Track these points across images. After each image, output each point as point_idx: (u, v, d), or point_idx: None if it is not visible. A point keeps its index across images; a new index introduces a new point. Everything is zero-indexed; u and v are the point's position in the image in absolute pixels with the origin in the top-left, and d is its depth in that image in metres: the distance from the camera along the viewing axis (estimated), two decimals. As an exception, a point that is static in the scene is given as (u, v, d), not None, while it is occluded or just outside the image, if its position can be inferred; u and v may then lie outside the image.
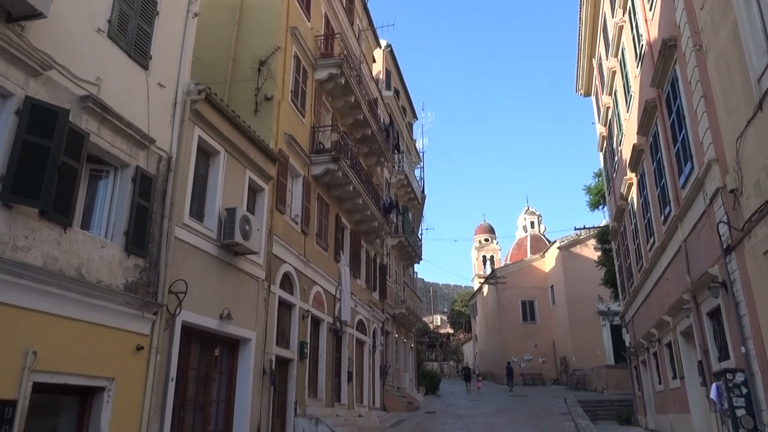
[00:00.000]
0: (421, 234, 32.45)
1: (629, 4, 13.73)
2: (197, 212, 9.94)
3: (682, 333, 12.31)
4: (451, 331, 62.74)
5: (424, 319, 46.45)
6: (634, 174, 14.99)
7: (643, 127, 12.73)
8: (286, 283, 13.15)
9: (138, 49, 8.49)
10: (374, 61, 26.41)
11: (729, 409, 8.08)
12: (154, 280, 8.38)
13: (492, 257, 58.93)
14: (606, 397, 26.50)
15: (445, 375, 49.06)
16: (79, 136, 7.06)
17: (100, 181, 8.00)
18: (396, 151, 26.54)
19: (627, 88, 15.06)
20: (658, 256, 13.18)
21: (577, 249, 37.65)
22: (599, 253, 27.91)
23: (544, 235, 52.29)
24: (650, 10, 11.88)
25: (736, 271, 8.12)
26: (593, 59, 21.17)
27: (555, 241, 41.14)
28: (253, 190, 11.93)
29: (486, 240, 60.80)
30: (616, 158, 18.15)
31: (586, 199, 26.68)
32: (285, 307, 13.04)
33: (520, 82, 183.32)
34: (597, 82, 21.15)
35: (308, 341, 13.99)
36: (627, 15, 14.17)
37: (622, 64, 15.38)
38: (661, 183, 12.10)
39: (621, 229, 18.95)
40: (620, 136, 16.95)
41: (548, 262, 41.93)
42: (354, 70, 17.99)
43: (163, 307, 8.46)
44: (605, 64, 17.96)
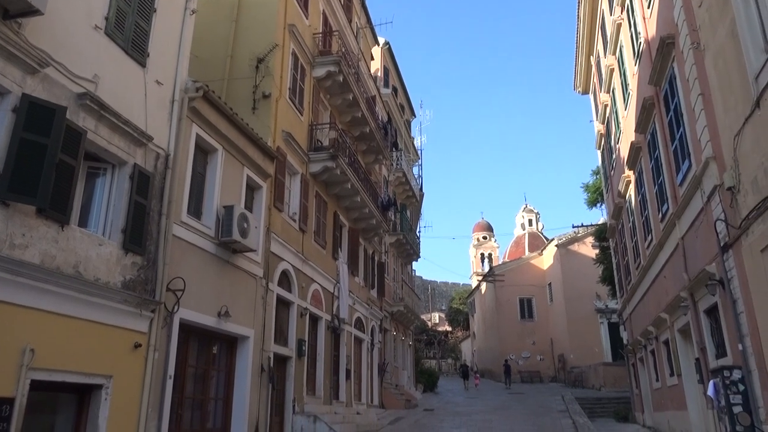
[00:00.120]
0: (419, 232, 32.50)
1: (627, 1, 13.72)
2: (195, 210, 9.93)
3: (679, 330, 12.34)
4: (449, 329, 62.83)
5: (423, 317, 46.47)
6: (632, 172, 15.01)
7: (641, 125, 12.74)
8: (284, 280, 13.15)
9: (135, 47, 8.47)
10: (372, 59, 26.38)
11: (726, 406, 8.10)
12: (151, 278, 8.37)
13: (490, 255, 59.03)
14: (604, 394, 26.57)
15: (443, 372, 49.13)
16: (76, 134, 7.05)
17: (98, 178, 7.98)
18: (394, 149, 26.53)
19: (625, 86, 15.06)
20: (655, 253, 13.20)
21: (575, 247, 37.69)
22: (597, 251, 27.98)
23: (542, 233, 52.37)
24: (648, 7, 11.87)
25: (733, 268, 8.13)
26: (591, 57, 21.17)
27: (553, 239, 41.19)
28: (251, 188, 11.92)
29: (484, 238, 60.89)
30: (614, 156, 18.17)
31: (584, 197, 26.76)
32: (283, 304, 13.04)
33: (519, 80, 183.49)
34: (595, 80, 21.15)
35: (306, 339, 13.99)
36: (625, 12, 14.16)
37: (620, 62, 15.38)
38: (659, 181, 12.11)
39: (619, 227, 18.97)
40: (618, 134, 16.96)
41: (546, 259, 41.97)
42: (352, 67, 17.97)
43: (161, 304, 8.46)
44: (603, 62, 17.96)
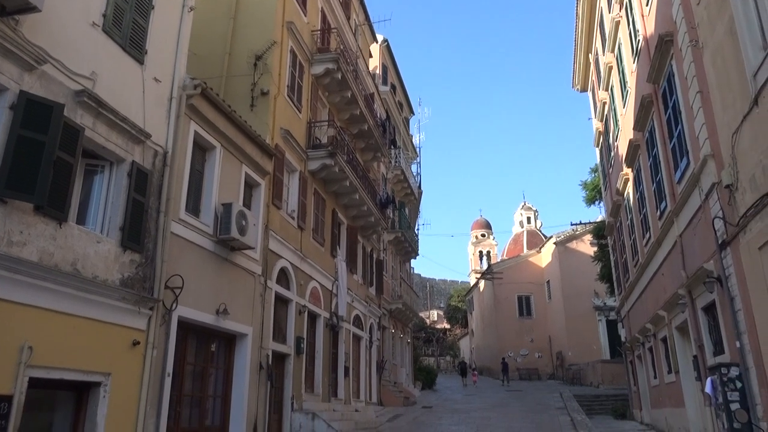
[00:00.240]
0: (418, 229, 32.54)
1: (626, -1, 13.72)
2: (193, 207, 9.92)
3: (677, 328, 12.36)
4: (447, 327, 62.90)
5: (421, 315, 46.59)
6: (630, 169, 15.02)
7: (640, 123, 12.74)
8: (283, 278, 13.15)
9: (133, 44, 8.44)
10: (371, 56, 26.35)
11: (723, 403, 8.12)
12: (150, 276, 8.36)
13: (488, 253, 59.08)
14: (601, 391, 26.62)
15: (442, 370, 49.22)
16: (74, 131, 7.03)
17: (96, 176, 7.96)
18: (392, 147, 26.52)
19: (623, 84, 15.06)
20: (653, 251, 13.22)
21: (573, 244, 37.75)
22: (595, 249, 28.05)
23: (541, 231, 52.42)
24: (647, 5, 11.87)
25: (731, 266, 8.14)
26: (590, 54, 21.16)
27: (551, 237, 41.24)
28: (250, 186, 11.91)
29: (482, 235, 60.92)
30: (613, 154, 18.18)
31: (582, 195, 26.82)
32: (281, 302, 13.04)
33: (517, 77, 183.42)
34: (594, 78, 21.15)
35: (305, 336, 14.00)
36: (623, 10, 14.15)
37: (619, 60, 15.38)
38: (657, 178, 12.12)
39: (617, 225, 18.99)
40: (616, 132, 16.97)
41: (544, 257, 42.03)
42: (350, 65, 17.95)
43: (160, 302, 8.45)
44: (602, 60, 17.96)
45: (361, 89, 19.00)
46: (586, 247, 34.48)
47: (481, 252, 59.78)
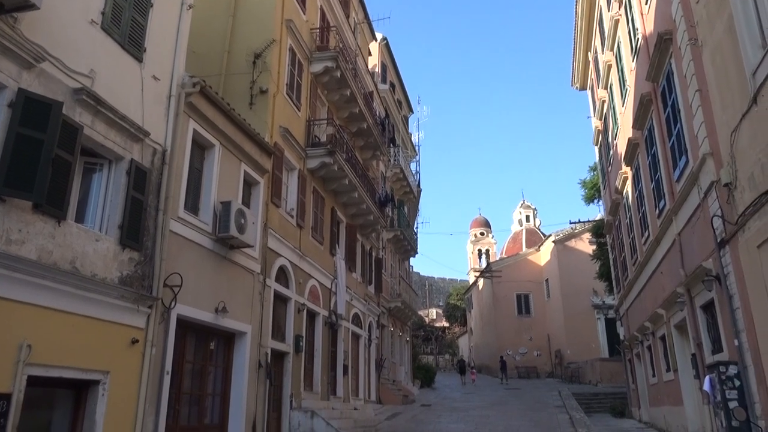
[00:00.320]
0: (417, 228, 32.53)
1: (625, -3, 13.71)
2: (192, 206, 9.91)
3: (675, 326, 12.38)
4: (446, 325, 62.93)
5: (420, 313, 46.58)
6: (629, 168, 15.03)
7: (639, 121, 12.75)
8: (282, 276, 13.15)
9: (132, 42, 8.43)
10: (370, 55, 26.33)
11: (722, 402, 8.14)
12: (149, 274, 8.36)
13: (487, 251, 59.13)
14: (600, 389, 26.66)
15: (441, 368, 49.23)
16: (72, 129, 7.02)
17: (95, 174, 7.96)
18: (392, 145, 26.51)
19: (622, 82, 15.07)
20: (652, 249, 13.23)
21: (572, 243, 37.78)
22: (594, 247, 28.06)
23: (540, 229, 52.46)
24: (646, 3, 11.87)
25: (729, 264, 8.15)
26: (589, 53, 21.16)
27: (550, 235, 41.28)
28: (249, 184, 11.91)
29: (481, 234, 60.96)
30: (612, 152, 18.19)
31: (581, 193, 26.88)
32: (280, 300, 13.05)
33: (516, 76, 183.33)
34: (593, 76, 21.15)
35: (304, 335, 14.00)
36: (623, 8, 14.15)
37: (618, 58, 15.39)
38: (656, 177, 12.13)
39: (616, 223, 19.01)
40: (615, 130, 16.98)
41: (543, 255, 42.06)
42: (350, 63, 17.93)
43: (158, 300, 8.45)
44: (601, 58, 17.96)
45: (360, 87, 18.98)
46: (585, 245, 34.51)
47: (480, 250, 59.82)
